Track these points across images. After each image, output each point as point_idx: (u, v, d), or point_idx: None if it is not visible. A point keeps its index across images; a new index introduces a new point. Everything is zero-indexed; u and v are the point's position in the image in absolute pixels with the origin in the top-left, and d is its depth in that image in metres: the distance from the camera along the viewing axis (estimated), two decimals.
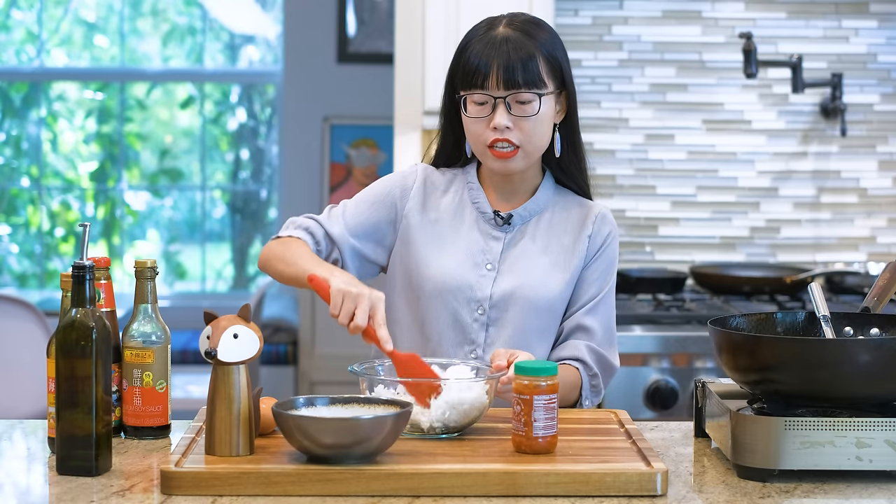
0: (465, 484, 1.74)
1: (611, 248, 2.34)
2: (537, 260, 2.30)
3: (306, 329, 6.30)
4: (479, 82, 2.22)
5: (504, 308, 2.28)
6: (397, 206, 2.34)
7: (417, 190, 2.35)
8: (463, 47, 2.27)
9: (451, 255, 2.30)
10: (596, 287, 2.32)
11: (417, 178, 2.36)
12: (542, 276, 2.29)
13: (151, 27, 7.18)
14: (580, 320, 2.31)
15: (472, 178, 2.36)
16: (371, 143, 6.57)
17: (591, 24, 3.82)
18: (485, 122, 2.24)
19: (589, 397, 2.30)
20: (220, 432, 1.82)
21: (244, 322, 1.85)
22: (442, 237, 2.32)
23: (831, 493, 1.79)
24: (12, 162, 7.18)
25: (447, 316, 2.28)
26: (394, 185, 2.36)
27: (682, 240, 3.86)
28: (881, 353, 1.84)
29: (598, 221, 2.34)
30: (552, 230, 2.33)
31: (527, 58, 2.21)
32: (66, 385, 1.82)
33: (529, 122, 2.23)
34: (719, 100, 3.84)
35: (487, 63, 2.21)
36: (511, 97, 2.22)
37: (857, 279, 3.64)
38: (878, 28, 3.82)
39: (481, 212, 2.33)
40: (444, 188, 2.36)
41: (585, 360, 2.29)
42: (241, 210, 7.26)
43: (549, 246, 2.32)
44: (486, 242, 2.32)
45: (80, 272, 1.84)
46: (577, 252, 2.32)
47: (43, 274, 7.16)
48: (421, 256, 2.30)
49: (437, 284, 2.28)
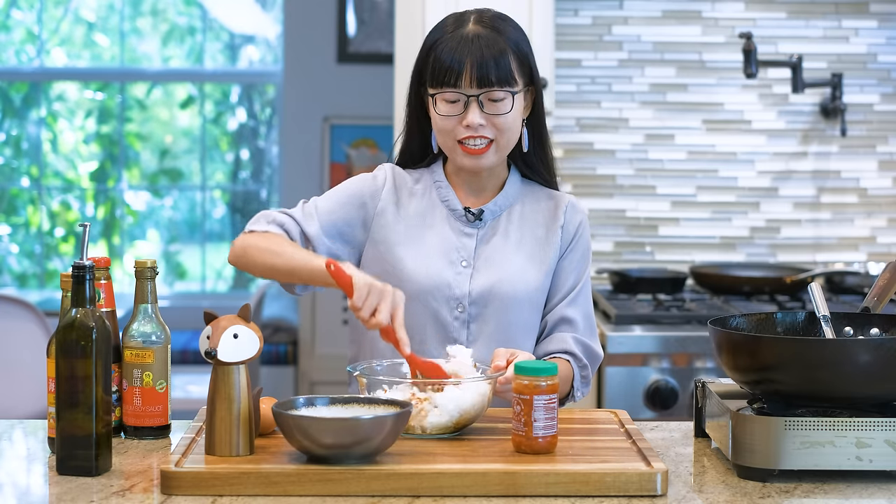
0: (465, 484, 1.74)
1: (584, 236, 2.34)
2: (513, 254, 2.30)
3: (306, 329, 6.29)
4: (452, 80, 2.20)
5: (483, 304, 2.27)
6: (368, 206, 2.31)
7: (388, 190, 2.32)
8: (431, 44, 2.24)
9: (426, 254, 2.28)
10: (574, 277, 2.32)
11: (387, 178, 2.34)
12: (519, 269, 2.29)
13: (151, 27, 7.18)
14: (563, 312, 2.31)
15: (440, 177, 2.34)
16: (371, 143, 6.56)
17: (591, 24, 3.82)
18: (456, 120, 2.22)
19: (580, 388, 2.30)
20: (220, 432, 1.83)
21: (244, 322, 1.85)
22: (415, 237, 2.30)
23: (831, 493, 1.79)
24: (12, 162, 7.18)
25: (427, 316, 2.26)
26: (364, 186, 2.33)
27: (682, 240, 3.86)
28: (881, 353, 1.84)
29: (569, 211, 2.33)
30: (524, 223, 2.32)
31: (499, 55, 2.19)
32: (66, 385, 1.82)
33: (501, 119, 2.22)
34: (719, 100, 3.84)
35: (460, 61, 2.19)
36: (484, 95, 2.20)
37: (857, 279, 3.64)
38: (878, 28, 3.82)
39: (451, 209, 2.32)
40: (412, 188, 2.34)
41: (574, 353, 2.28)
42: (241, 210, 7.26)
43: (524, 239, 2.31)
44: (459, 239, 2.30)
45: (80, 272, 1.84)
46: (552, 243, 2.31)
47: (43, 274, 7.16)
48: (396, 257, 2.28)
49: (414, 285, 2.25)
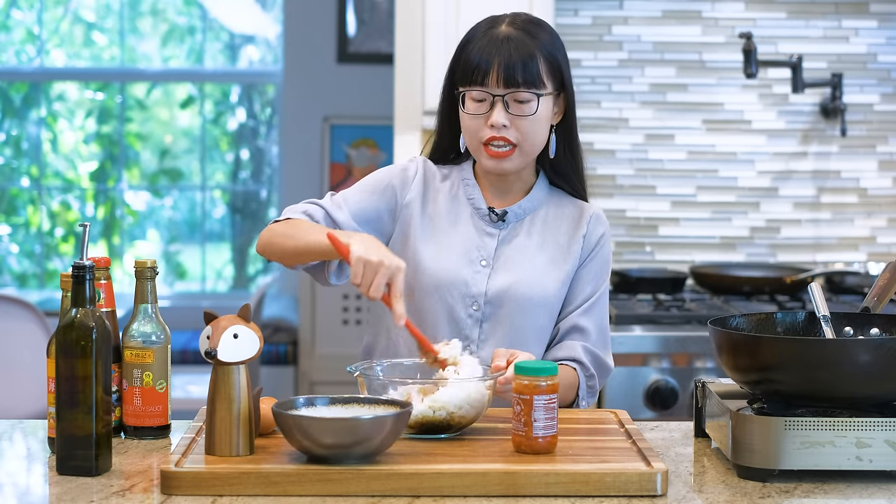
0: (465, 484, 1.74)
1: (605, 248, 2.35)
2: (533, 258, 2.31)
3: (306, 329, 6.29)
4: (479, 79, 2.22)
5: (499, 304, 2.28)
6: (398, 195, 2.33)
7: (418, 182, 2.34)
8: (464, 44, 2.28)
9: (447, 250, 2.30)
10: (591, 287, 2.33)
11: (418, 170, 2.36)
12: (539, 273, 2.29)
13: (151, 27, 7.18)
14: (576, 321, 2.31)
15: (468, 175, 2.36)
16: (371, 143, 6.56)
17: (591, 24, 3.82)
18: (482, 119, 2.24)
19: (585, 398, 2.31)
20: (220, 432, 1.82)
21: (244, 322, 1.85)
22: (438, 231, 2.32)
23: (831, 493, 1.79)
24: (12, 162, 7.18)
25: (442, 311, 2.28)
26: (394, 176, 2.35)
27: (682, 240, 3.86)
28: (881, 353, 1.84)
29: (592, 221, 2.34)
30: (547, 229, 2.34)
31: (527, 57, 2.21)
32: (66, 385, 1.82)
33: (526, 121, 2.23)
34: (719, 100, 3.84)
35: (488, 61, 2.21)
36: (510, 96, 2.22)
37: (857, 279, 3.64)
38: (878, 28, 3.82)
39: (476, 208, 2.33)
40: (441, 182, 2.36)
41: (582, 361, 2.29)
42: (241, 210, 7.26)
43: (545, 244, 2.32)
44: (481, 238, 2.31)
45: (80, 272, 1.84)
46: (573, 252, 2.32)
47: (43, 274, 7.16)
48: (418, 250, 2.30)
49: (432, 279, 2.27)
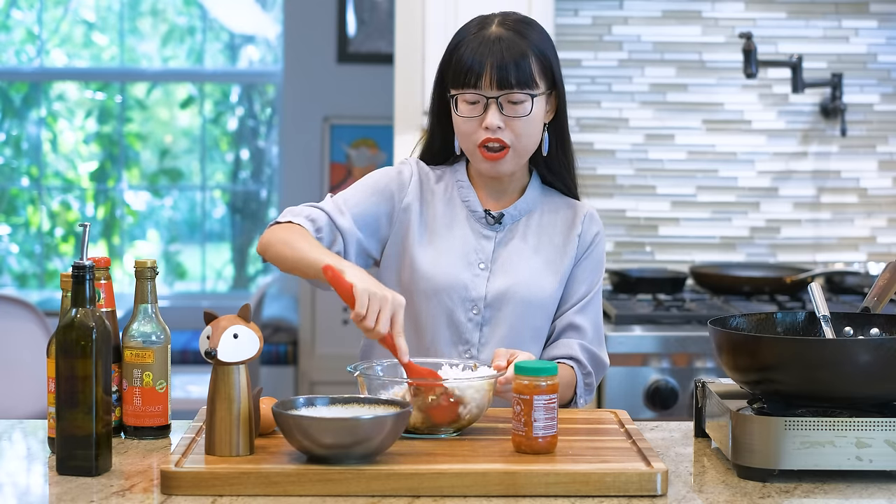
0: (465, 484, 1.74)
1: (599, 247, 2.35)
2: (530, 259, 2.30)
3: (306, 329, 6.29)
4: (472, 82, 2.21)
5: (498, 307, 2.28)
6: (395, 198, 2.31)
7: (414, 185, 2.33)
8: (454, 46, 2.25)
9: (446, 253, 2.29)
10: (586, 286, 2.33)
11: (413, 172, 2.34)
12: (536, 275, 2.29)
13: (151, 27, 7.17)
14: (571, 319, 2.31)
15: (462, 176, 2.34)
16: (371, 143, 6.56)
17: (591, 24, 3.82)
18: (476, 122, 2.23)
19: (583, 395, 2.31)
20: (220, 432, 1.82)
21: (244, 322, 1.85)
22: (436, 235, 2.30)
23: (831, 493, 1.79)
24: (12, 162, 7.18)
25: (442, 315, 2.27)
26: (391, 179, 2.33)
27: (682, 240, 3.86)
28: (881, 353, 1.84)
29: (586, 221, 2.34)
30: (542, 230, 2.33)
31: (520, 58, 2.20)
32: (66, 385, 1.82)
33: (521, 122, 2.22)
34: (719, 100, 3.84)
35: (481, 62, 2.20)
36: (503, 97, 2.21)
37: (857, 279, 3.63)
38: (878, 28, 3.82)
39: (472, 210, 2.32)
40: (435, 184, 2.35)
41: (579, 359, 2.29)
42: (241, 210, 7.26)
43: (541, 245, 2.32)
44: (478, 241, 2.31)
45: (80, 272, 1.84)
46: (568, 252, 2.32)
47: (43, 274, 7.16)
48: (416, 253, 2.28)
49: (431, 283, 2.26)
